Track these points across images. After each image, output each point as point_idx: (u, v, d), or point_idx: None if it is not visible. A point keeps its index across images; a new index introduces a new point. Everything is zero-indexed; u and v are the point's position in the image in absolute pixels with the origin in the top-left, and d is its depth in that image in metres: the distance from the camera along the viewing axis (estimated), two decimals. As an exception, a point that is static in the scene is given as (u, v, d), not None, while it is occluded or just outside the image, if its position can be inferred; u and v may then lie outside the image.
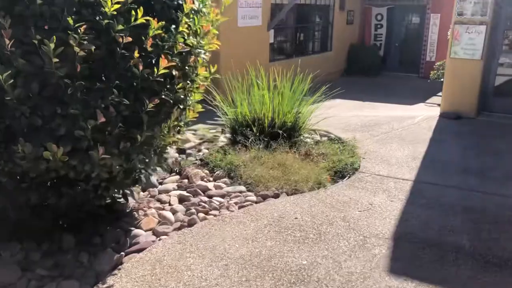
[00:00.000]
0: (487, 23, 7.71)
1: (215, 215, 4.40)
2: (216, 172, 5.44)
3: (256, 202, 4.71)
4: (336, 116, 8.76)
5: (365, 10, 15.17)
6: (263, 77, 6.72)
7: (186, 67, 3.76)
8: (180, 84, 3.71)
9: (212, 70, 4.39)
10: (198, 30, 3.80)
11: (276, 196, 4.86)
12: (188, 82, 3.91)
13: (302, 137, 6.50)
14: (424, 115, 8.30)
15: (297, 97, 6.69)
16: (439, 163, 5.81)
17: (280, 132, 6.10)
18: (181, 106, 3.88)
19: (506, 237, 3.96)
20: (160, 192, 4.98)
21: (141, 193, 5.03)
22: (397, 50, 15.45)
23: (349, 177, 5.42)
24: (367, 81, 14.00)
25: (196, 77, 3.90)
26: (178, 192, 4.93)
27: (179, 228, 4.14)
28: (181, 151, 6.43)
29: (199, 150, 6.55)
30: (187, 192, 4.91)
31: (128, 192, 4.35)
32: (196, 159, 6.06)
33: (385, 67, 15.19)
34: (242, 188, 5.05)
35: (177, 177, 5.44)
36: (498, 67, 8.14)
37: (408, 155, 6.10)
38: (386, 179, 5.28)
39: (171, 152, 6.49)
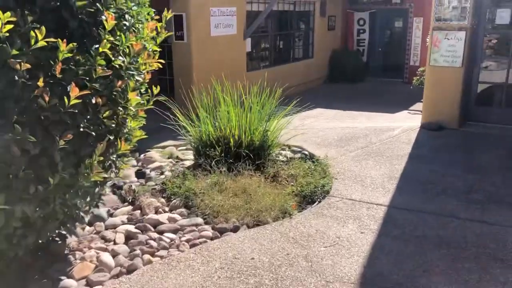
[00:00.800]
0: (467, 29, 7.20)
1: (162, 257, 3.83)
2: (173, 201, 4.87)
3: (211, 238, 4.15)
4: (314, 128, 8.24)
5: (347, 15, 14.67)
6: (240, 89, 6.17)
7: (114, 93, 3.20)
8: (107, 112, 3.15)
9: (155, 91, 3.84)
10: (127, 49, 3.24)
11: (236, 229, 4.30)
12: (120, 108, 3.36)
13: (272, 156, 5.95)
14: (404, 127, 7.77)
15: (267, 112, 6.12)
16: (417, 184, 5.27)
17: (246, 152, 5.55)
18: (111, 137, 3.32)
19: (487, 279, 3.42)
20: (107, 227, 4.41)
21: (87, 227, 4.47)
22: (380, 55, 14.95)
23: (319, 202, 4.87)
24: (350, 87, 13.49)
25: (127, 103, 3.34)
26: (126, 227, 4.36)
27: (117, 276, 3.57)
28: (140, 174, 5.86)
29: (162, 173, 5.98)
30: (136, 227, 4.34)
31: (65, 232, 3.79)
32: (156, 184, 5.49)
33: (368, 73, 14.68)
34: (199, 220, 4.48)
35: (130, 207, 4.88)
36: (480, 74, 7.63)
37: (384, 174, 5.56)
38: (359, 205, 4.74)
39: (132, 175, 5.95)
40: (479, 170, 5.67)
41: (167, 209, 4.81)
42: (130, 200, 4.96)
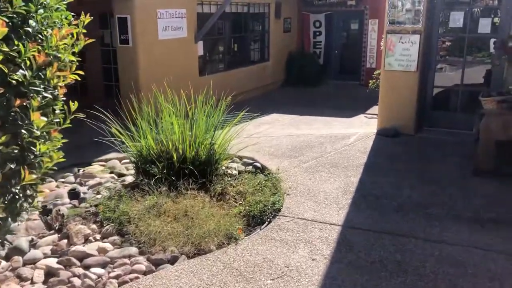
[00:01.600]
0: (421, 32, 6.96)
1: (83, 300, 3.30)
2: (106, 227, 4.33)
3: (144, 273, 3.64)
4: (268, 135, 7.83)
5: (303, 17, 14.37)
6: (187, 97, 5.65)
7: (12, 113, 2.65)
8: (3, 138, 2.60)
9: (73, 107, 3.30)
10: (28, 62, 2.70)
11: (174, 260, 3.81)
12: (23, 131, 2.81)
13: (221, 170, 5.47)
14: (360, 134, 7.46)
15: (214, 123, 5.64)
16: (373, 198, 4.93)
17: (191, 168, 5.05)
18: (13, 166, 2.76)
19: (449, 313, 3.07)
20: (25, 263, 3.83)
21: (3, 262, 3.87)
22: (337, 58, 14.72)
23: (268, 223, 4.44)
24: (307, 91, 13.17)
25: (31, 126, 2.79)
26: (48, 261, 3.79)
27: (27, 327, 3.02)
28: (73, 195, 5.27)
29: (98, 192, 5.41)
30: (59, 261, 3.78)
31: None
32: (90, 206, 4.92)
33: (325, 75, 14.41)
34: (133, 250, 3.96)
35: (56, 236, 4.30)
36: (435, 78, 7.41)
37: (338, 188, 5.19)
38: (311, 225, 4.33)
39: (64, 195, 5.35)
40: (436, 181, 5.39)
41: (98, 236, 4.26)
42: (57, 227, 4.38)
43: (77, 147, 7.03)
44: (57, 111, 3.30)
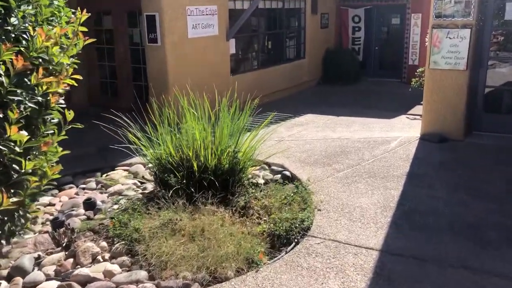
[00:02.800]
0: (472, 25, 6.19)
1: (79, 337, 2.87)
2: (116, 246, 3.90)
3: (151, 304, 3.18)
4: (301, 139, 7.25)
5: (341, 12, 13.63)
6: (222, 95, 5.18)
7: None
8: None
9: (69, 117, 2.88)
10: (4, 66, 2.27)
11: (185, 288, 3.33)
12: (3, 148, 2.39)
13: (245, 180, 4.94)
14: (402, 138, 6.76)
15: (240, 128, 5.12)
16: (416, 216, 4.28)
17: (212, 178, 4.55)
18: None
19: None
20: (25, 286, 3.45)
21: (4, 283, 3.51)
22: (377, 54, 13.90)
23: (295, 244, 3.89)
24: (345, 89, 12.47)
25: (8, 142, 2.36)
26: (49, 285, 3.40)
27: None
28: (89, 205, 4.88)
29: (117, 202, 5.01)
30: (59, 287, 3.37)
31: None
32: (105, 218, 4.51)
33: (365, 73, 13.65)
34: (142, 274, 3.51)
35: (62, 254, 3.90)
36: (487, 77, 6.61)
37: (377, 203, 4.57)
38: (344, 249, 3.75)
39: (80, 205, 4.98)
40: (491, 196, 4.68)
41: (107, 256, 3.84)
42: (64, 244, 3.99)
43: (103, 150, 6.72)
44: (54, 121, 2.89)
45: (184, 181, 4.59)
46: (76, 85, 2.92)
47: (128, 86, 9.25)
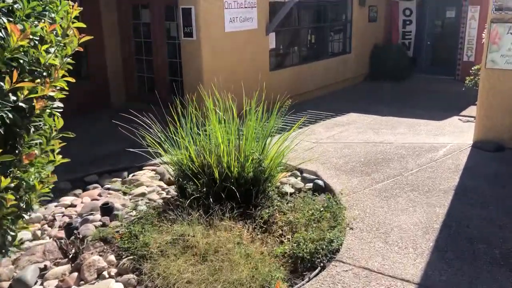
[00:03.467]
0: (540, 20, 5.41)
1: None
2: (122, 261, 3.56)
3: (149, 336, 2.81)
4: (340, 141, 6.70)
5: (391, 4, 12.80)
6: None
7: None
8: None
9: (58, 124, 2.53)
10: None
11: (190, 318, 2.94)
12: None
13: (270, 191, 4.47)
14: (451, 145, 6.07)
15: (268, 131, 4.66)
16: (464, 241, 3.68)
17: (233, 188, 4.13)
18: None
19: None
20: (22, 303, 3.17)
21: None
22: (429, 49, 12.97)
23: (320, 270, 3.41)
24: (393, 87, 11.69)
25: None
26: (46, 305, 3.11)
27: None
28: (106, 210, 4.58)
29: (135, 207, 4.71)
30: (55, 308, 3.07)
31: None
32: (121, 225, 4.21)
33: (415, 69, 12.78)
34: (145, 297, 3.15)
35: (68, 266, 3.62)
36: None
37: (418, 223, 4.00)
38: (376, 279, 3.23)
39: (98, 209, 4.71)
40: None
41: (114, 271, 3.51)
42: (71, 255, 3.70)
43: (133, 147, 6.47)
44: (46, 129, 2.55)
45: (204, 189, 4.21)
46: (67, 88, 2.56)
47: (164, 81, 8.99)
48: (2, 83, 2.16)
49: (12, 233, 2.53)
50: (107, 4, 8.92)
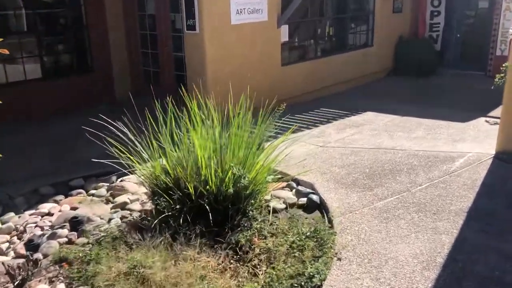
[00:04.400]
0: None
1: None
2: (71, 292, 3.13)
3: None
4: (348, 146, 6.11)
5: (418, -6, 11.93)
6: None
7: None
8: None
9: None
10: None
11: None
12: None
13: (249, 211, 3.92)
14: (471, 155, 5.35)
15: (255, 139, 4.13)
16: (473, 284, 3.06)
17: (208, 206, 3.63)
18: None
19: None
20: None
21: None
22: (458, 43, 12.02)
23: (293, 314, 2.87)
24: (417, 83, 10.87)
25: None
26: None
27: None
28: (76, 224, 4.17)
29: (110, 220, 4.30)
30: None
31: None
32: (88, 243, 3.79)
33: (442, 64, 11.89)
34: None
35: (11, 296, 3.22)
36: None
37: (419, 254, 3.40)
38: (357, 331, 2.68)
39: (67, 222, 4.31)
40: None
41: (59, 305, 3.09)
42: (16, 283, 3.29)
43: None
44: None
45: (178, 207, 3.73)
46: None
47: (170, 76, 8.54)
48: None
49: None
50: (111, -6, 8.52)
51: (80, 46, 8.47)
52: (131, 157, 3.95)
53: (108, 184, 5.40)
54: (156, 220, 3.56)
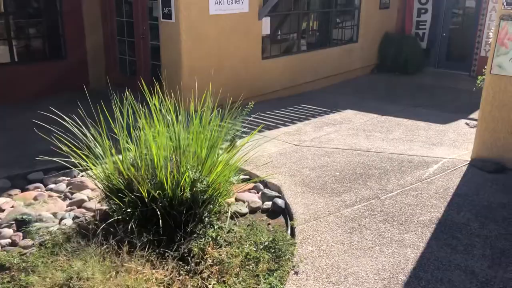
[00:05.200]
0: (561, 20, 4.40)
1: None
2: (2, 304, 2.86)
3: None
4: (322, 146, 5.87)
5: (406, -10, 11.67)
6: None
7: None
8: None
9: None
10: None
11: None
12: None
13: (205, 217, 3.66)
14: (446, 161, 5.14)
15: (216, 138, 3.86)
16: (433, 307, 2.86)
17: (157, 211, 3.37)
18: None
19: None
20: None
21: None
22: (444, 41, 11.82)
23: (240, 334, 2.64)
24: (401, 81, 10.66)
25: None
26: None
27: None
28: (21, 223, 3.88)
29: (61, 219, 4.02)
30: None
31: None
32: (33, 244, 3.51)
33: (428, 62, 11.69)
34: None
35: None
36: None
37: (381, 270, 3.17)
38: None
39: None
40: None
41: (-11, 317, 2.81)
42: None
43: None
44: None
45: (129, 211, 3.46)
46: None
47: (147, 66, 8.20)
48: None
49: None
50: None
51: (53, 31, 8.08)
52: (81, 153, 3.66)
53: (69, 178, 5.09)
54: (104, 224, 3.29)
